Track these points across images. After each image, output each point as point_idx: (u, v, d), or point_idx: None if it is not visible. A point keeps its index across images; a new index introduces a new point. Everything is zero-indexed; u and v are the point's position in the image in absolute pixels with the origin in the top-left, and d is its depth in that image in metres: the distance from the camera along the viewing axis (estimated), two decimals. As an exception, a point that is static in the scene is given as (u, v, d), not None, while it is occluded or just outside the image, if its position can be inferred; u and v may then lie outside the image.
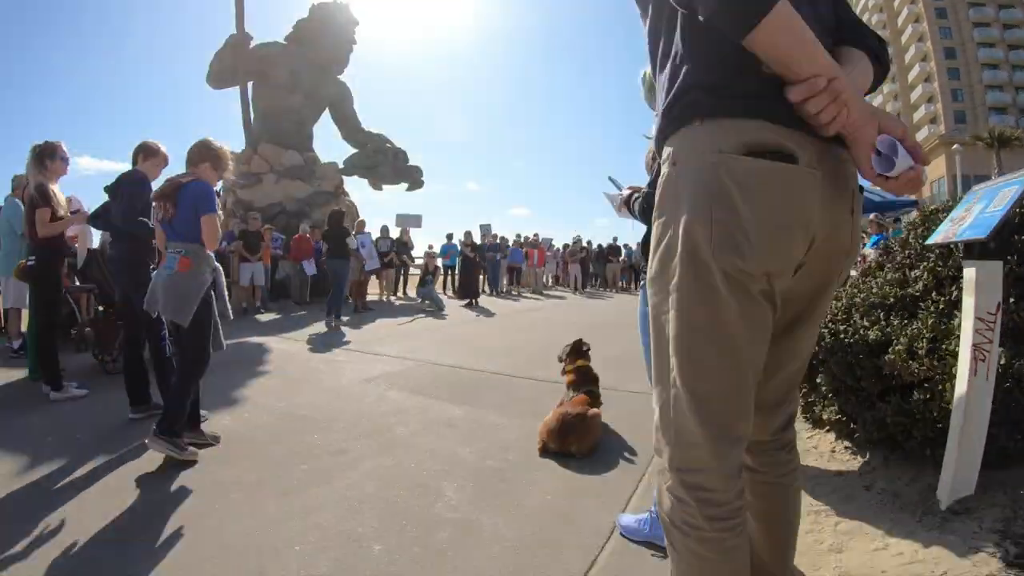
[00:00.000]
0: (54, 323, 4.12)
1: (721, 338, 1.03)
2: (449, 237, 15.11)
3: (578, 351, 3.81)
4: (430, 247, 15.00)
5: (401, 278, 13.99)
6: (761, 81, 0.98)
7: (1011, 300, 2.00)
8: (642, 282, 2.15)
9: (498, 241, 16.00)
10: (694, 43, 1.03)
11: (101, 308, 5.26)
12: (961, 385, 1.85)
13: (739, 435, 1.09)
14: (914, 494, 2.06)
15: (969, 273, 1.85)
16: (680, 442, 1.09)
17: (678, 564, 1.11)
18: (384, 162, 14.91)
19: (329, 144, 29.11)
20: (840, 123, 0.94)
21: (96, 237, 5.46)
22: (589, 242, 19.28)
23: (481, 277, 14.27)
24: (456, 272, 13.54)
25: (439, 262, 14.21)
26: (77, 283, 5.26)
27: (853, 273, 3.22)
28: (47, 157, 3.86)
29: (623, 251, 19.05)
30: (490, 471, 2.76)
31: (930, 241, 2.14)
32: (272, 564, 1.91)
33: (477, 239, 14.59)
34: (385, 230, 13.10)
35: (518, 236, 17.26)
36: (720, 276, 1.00)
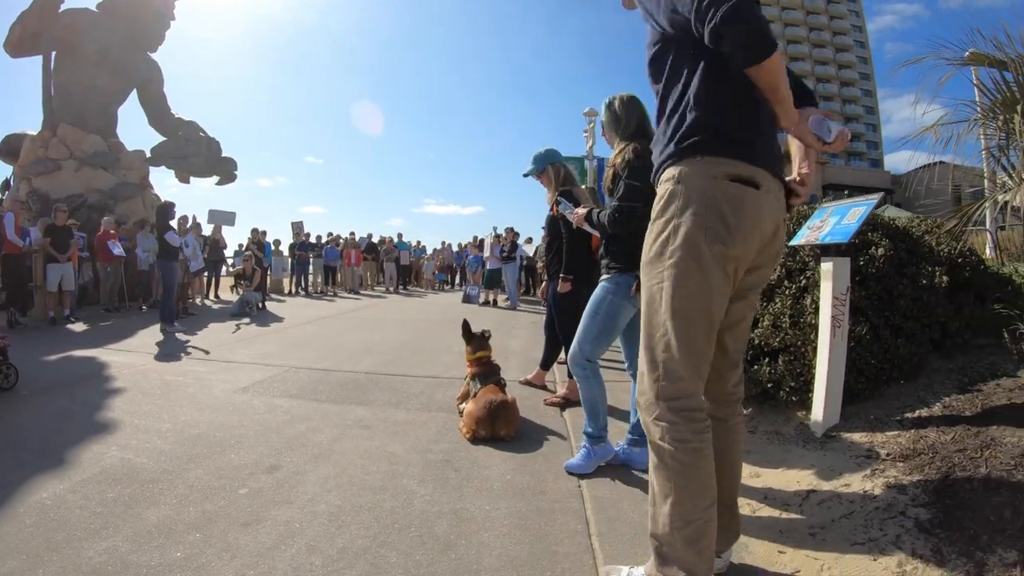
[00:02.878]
0: None
1: (704, 298, 1.52)
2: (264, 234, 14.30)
3: (481, 340, 3.89)
4: (240, 246, 14.07)
5: (214, 280, 12.97)
6: (744, 137, 1.52)
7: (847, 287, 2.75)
8: (605, 276, 2.72)
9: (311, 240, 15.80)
10: (706, 101, 1.52)
11: None
12: (823, 346, 2.56)
13: (704, 374, 1.59)
14: (791, 431, 2.78)
15: (827, 266, 2.56)
16: (669, 378, 1.55)
17: (667, 474, 1.53)
18: (196, 152, 13.31)
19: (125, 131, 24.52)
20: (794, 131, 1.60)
21: None
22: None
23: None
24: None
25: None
26: None
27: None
28: None
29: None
30: (437, 463, 2.87)
31: (793, 242, 2.84)
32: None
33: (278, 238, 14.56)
34: (198, 228, 11.83)
35: (330, 234, 16.92)
36: (710, 257, 1.49)
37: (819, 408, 2.59)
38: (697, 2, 1.42)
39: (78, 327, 7.85)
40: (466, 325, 3.92)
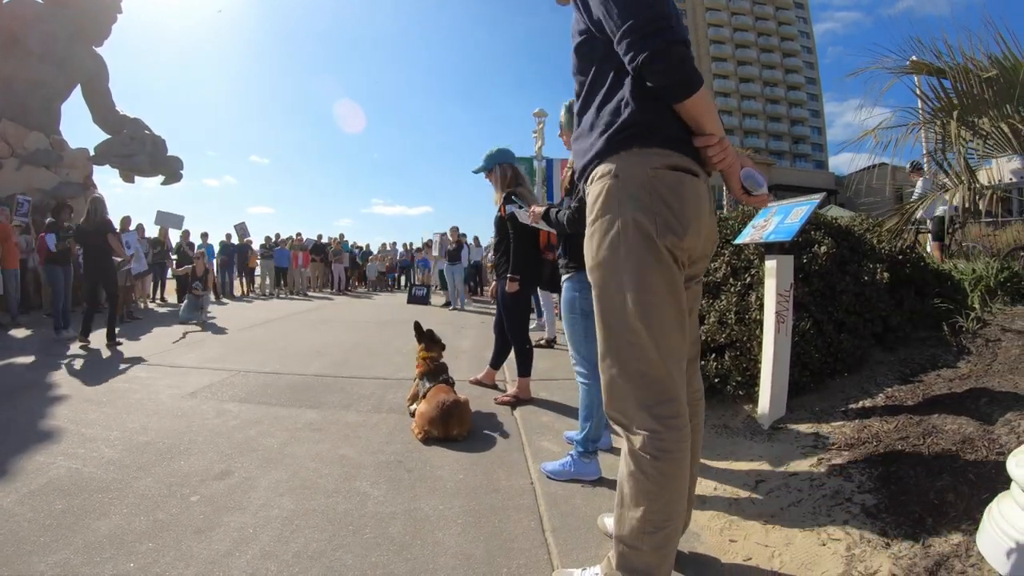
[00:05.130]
0: None
1: (670, 290, 1.46)
2: (204, 236, 14.22)
3: (431, 340, 3.91)
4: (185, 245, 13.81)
5: (161, 283, 12.66)
6: (678, 129, 1.48)
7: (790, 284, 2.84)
8: (566, 275, 2.71)
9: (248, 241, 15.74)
10: (640, 99, 1.47)
11: None
12: (768, 341, 2.64)
13: (683, 370, 1.52)
14: (739, 424, 2.86)
15: (771, 264, 2.64)
16: (647, 383, 1.46)
17: (643, 482, 1.45)
18: (141, 151, 12.81)
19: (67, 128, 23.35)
20: (724, 163, 1.51)
21: None
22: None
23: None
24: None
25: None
26: None
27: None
28: None
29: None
30: (389, 465, 2.85)
31: (738, 241, 2.93)
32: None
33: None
34: (141, 229, 11.60)
35: (277, 235, 16.67)
36: (664, 250, 1.44)
37: (765, 401, 2.68)
38: (618, 39, 1.40)
39: (20, 332, 7.53)
40: (417, 326, 3.93)
